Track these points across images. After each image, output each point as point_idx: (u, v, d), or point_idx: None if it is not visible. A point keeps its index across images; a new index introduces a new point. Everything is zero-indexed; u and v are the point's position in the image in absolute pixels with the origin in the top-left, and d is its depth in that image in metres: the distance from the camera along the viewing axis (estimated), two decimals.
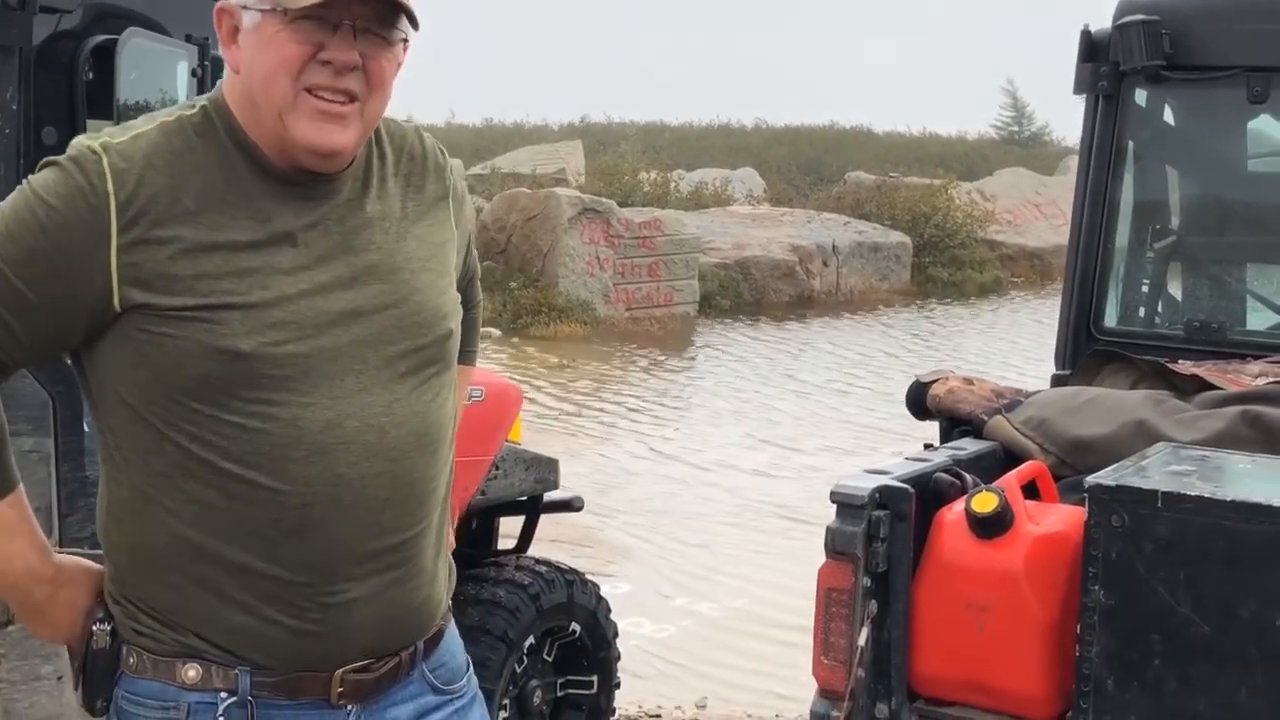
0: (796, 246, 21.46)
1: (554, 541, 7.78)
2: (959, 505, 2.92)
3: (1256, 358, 3.71)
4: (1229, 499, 2.57)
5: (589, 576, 4.73)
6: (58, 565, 1.93)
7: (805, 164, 33.64)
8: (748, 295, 20.45)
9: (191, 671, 1.84)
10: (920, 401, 3.70)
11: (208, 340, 1.76)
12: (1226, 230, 4.30)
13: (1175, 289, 4.28)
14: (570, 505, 4.95)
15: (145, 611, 1.87)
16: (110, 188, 1.76)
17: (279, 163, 1.84)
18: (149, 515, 1.83)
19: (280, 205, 1.83)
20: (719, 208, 24.29)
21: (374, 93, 1.84)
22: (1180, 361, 3.72)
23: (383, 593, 1.89)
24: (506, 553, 4.74)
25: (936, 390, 3.66)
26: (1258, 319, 4.25)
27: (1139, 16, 3.91)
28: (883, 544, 2.87)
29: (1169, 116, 4.28)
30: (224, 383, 1.77)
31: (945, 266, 23.65)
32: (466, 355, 2.29)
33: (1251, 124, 4.24)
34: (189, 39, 3.80)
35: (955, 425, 3.63)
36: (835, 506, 2.89)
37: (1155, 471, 2.79)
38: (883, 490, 2.90)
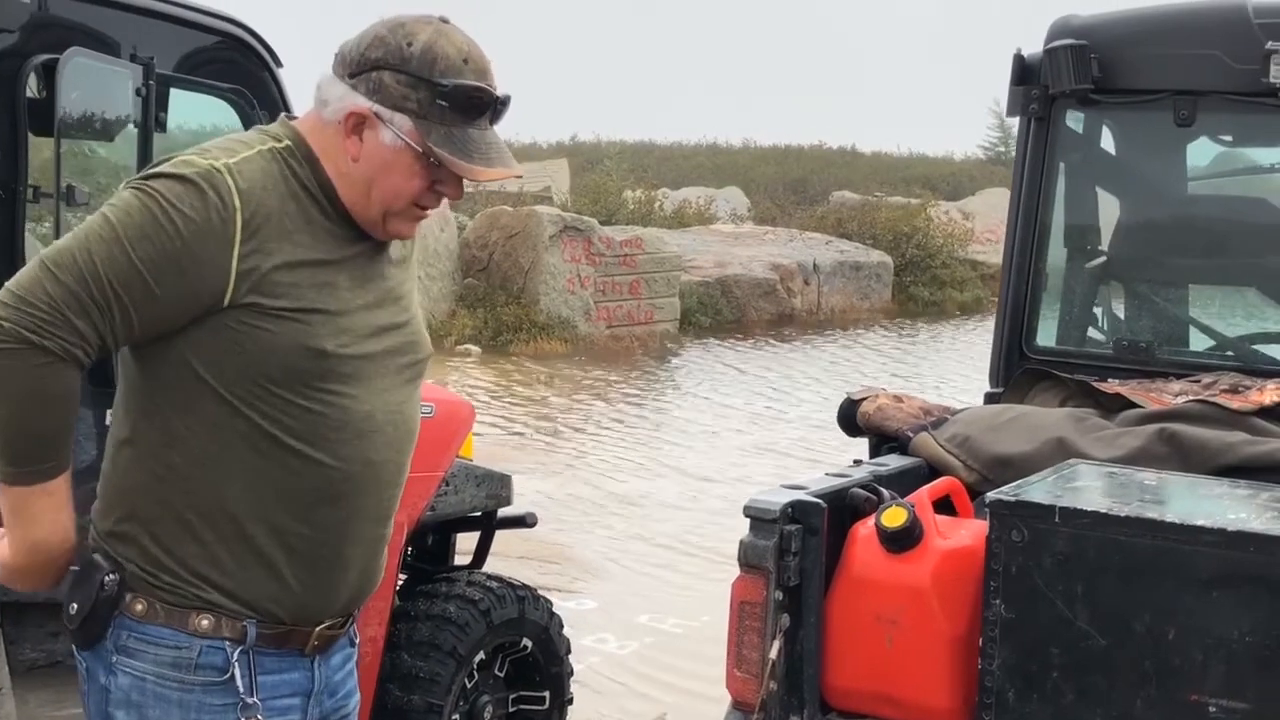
0: (778, 265, 21.51)
1: (522, 558, 7.81)
2: (872, 520, 2.95)
3: (1180, 377, 3.76)
4: (1123, 514, 2.61)
5: (556, 593, 4.73)
6: (76, 538, 2.21)
7: (791, 183, 33.77)
8: (728, 313, 20.48)
9: (204, 622, 2.16)
10: (851, 418, 3.74)
11: (299, 338, 2.11)
12: (1156, 251, 4.34)
13: (1112, 308, 4.33)
14: (524, 521, 4.96)
15: (167, 569, 2.15)
16: (238, 203, 2.09)
17: (344, 209, 2.20)
18: (202, 479, 2.14)
19: (340, 235, 2.20)
20: (702, 226, 24.35)
21: None
22: (1108, 380, 3.77)
23: (367, 560, 2.28)
24: (461, 568, 4.77)
25: (866, 408, 3.70)
26: (1196, 340, 4.30)
27: (1068, 41, 3.95)
28: (795, 558, 2.90)
29: (1106, 139, 4.33)
30: (303, 373, 2.12)
31: (926, 285, 23.71)
32: None
33: (1221, 149, 4.30)
34: (133, 58, 3.84)
35: (884, 442, 3.67)
36: (749, 520, 2.94)
37: (1057, 487, 2.83)
38: (795, 505, 2.93)
